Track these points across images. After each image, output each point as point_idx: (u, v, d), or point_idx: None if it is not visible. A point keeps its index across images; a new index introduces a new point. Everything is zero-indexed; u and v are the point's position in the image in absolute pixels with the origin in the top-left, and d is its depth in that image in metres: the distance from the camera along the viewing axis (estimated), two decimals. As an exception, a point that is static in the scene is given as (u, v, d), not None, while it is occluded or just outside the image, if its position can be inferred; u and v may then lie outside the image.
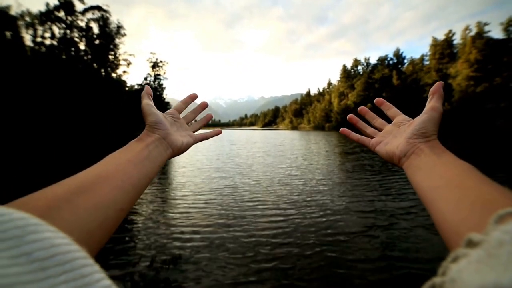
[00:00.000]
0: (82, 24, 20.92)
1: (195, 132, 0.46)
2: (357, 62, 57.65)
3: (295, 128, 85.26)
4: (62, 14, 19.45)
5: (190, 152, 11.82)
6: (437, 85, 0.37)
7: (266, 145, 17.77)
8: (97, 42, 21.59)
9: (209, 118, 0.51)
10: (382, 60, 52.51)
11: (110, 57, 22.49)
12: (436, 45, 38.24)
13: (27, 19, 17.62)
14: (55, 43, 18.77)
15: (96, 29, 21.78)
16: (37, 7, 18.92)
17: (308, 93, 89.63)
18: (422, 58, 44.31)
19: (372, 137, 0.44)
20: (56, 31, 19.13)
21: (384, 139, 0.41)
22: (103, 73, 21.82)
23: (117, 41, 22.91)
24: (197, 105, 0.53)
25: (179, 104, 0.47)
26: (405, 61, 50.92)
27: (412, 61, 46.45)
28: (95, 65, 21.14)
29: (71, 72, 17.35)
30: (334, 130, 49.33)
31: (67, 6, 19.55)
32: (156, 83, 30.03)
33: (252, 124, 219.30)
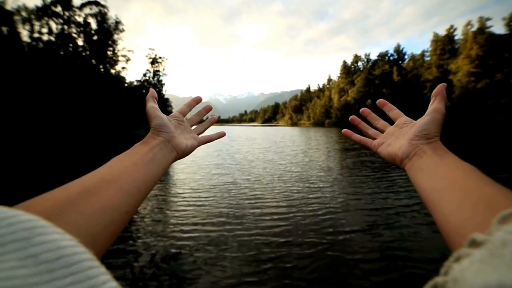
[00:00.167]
0: (80, 19, 20.70)
1: (199, 134, 0.47)
2: (357, 58, 57.32)
3: (295, 124, 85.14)
4: (59, 9, 19.19)
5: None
6: (439, 87, 0.37)
7: (266, 142, 17.72)
8: (95, 38, 21.36)
9: (213, 121, 0.53)
10: (382, 56, 52.21)
11: (108, 53, 22.28)
12: (437, 41, 38.00)
13: (24, 14, 17.41)
14: (52, 38, 18.55)
15: (94, 25, 21.57)
16: (33, 1, 18.62)
17: (308, 89, 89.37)
18: (422, 54, 44.09)
19: (374, 138, 0.44)
20: (54, 26, 18.92)
21: (386, 140, 0.41)
22: (102, 70, 21.66)
23: (115, 36, 22.68)
24: (201, 108, 0.53)
25: (183, 107, 0.47)
26: (406, 57, 50.68)
27: (413, 57, 46.20)
28: (93, 61, 20.96)
29: (69, 68, 17.21)
30: (334, 126, 49.19)
31: (64, 0, 19.26)
32: (156, 79, 29.75)
33: (252, 121, 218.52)
